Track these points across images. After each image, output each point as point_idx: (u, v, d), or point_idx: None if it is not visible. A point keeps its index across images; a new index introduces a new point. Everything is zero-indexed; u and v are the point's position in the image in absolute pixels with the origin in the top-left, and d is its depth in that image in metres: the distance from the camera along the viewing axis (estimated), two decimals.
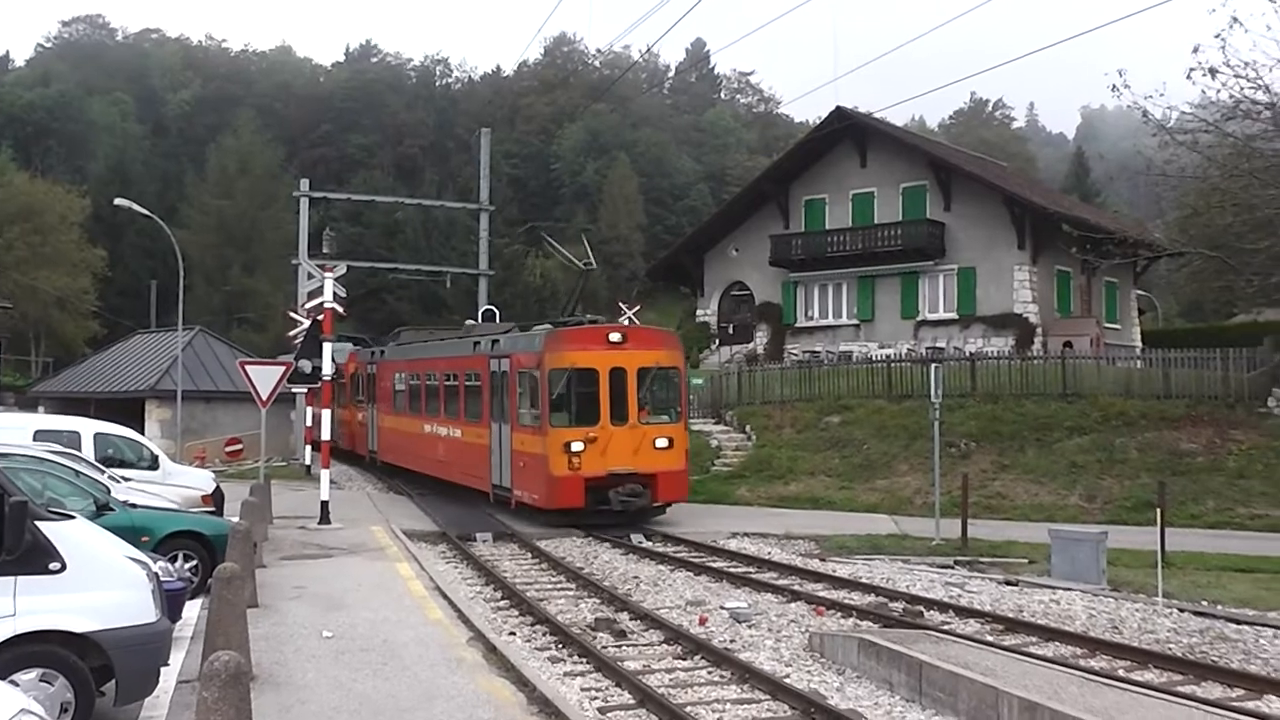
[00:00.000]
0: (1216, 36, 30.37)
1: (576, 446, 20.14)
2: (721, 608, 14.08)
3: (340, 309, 22.17)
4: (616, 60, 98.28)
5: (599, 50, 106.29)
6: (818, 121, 45.20)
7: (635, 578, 16.51)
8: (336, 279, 21.75)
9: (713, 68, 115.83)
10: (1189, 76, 26.09)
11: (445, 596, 13.26)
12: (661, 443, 20.85)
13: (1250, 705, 9.89)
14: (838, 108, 41.37)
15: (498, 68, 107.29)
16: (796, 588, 15.66)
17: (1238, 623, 13.52)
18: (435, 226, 71.71)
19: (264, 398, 20.94)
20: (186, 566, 12.77)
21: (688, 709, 9.43)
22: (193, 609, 11.55)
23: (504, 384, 21.97)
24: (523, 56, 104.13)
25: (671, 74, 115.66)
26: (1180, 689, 10.30)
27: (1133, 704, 8.78)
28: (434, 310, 61.52)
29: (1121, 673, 10.97)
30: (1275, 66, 22.69)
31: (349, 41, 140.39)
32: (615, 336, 20.98)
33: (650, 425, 21.00)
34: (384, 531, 19.54)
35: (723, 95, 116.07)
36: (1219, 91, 25.97)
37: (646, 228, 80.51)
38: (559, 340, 20.79)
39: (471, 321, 33.73)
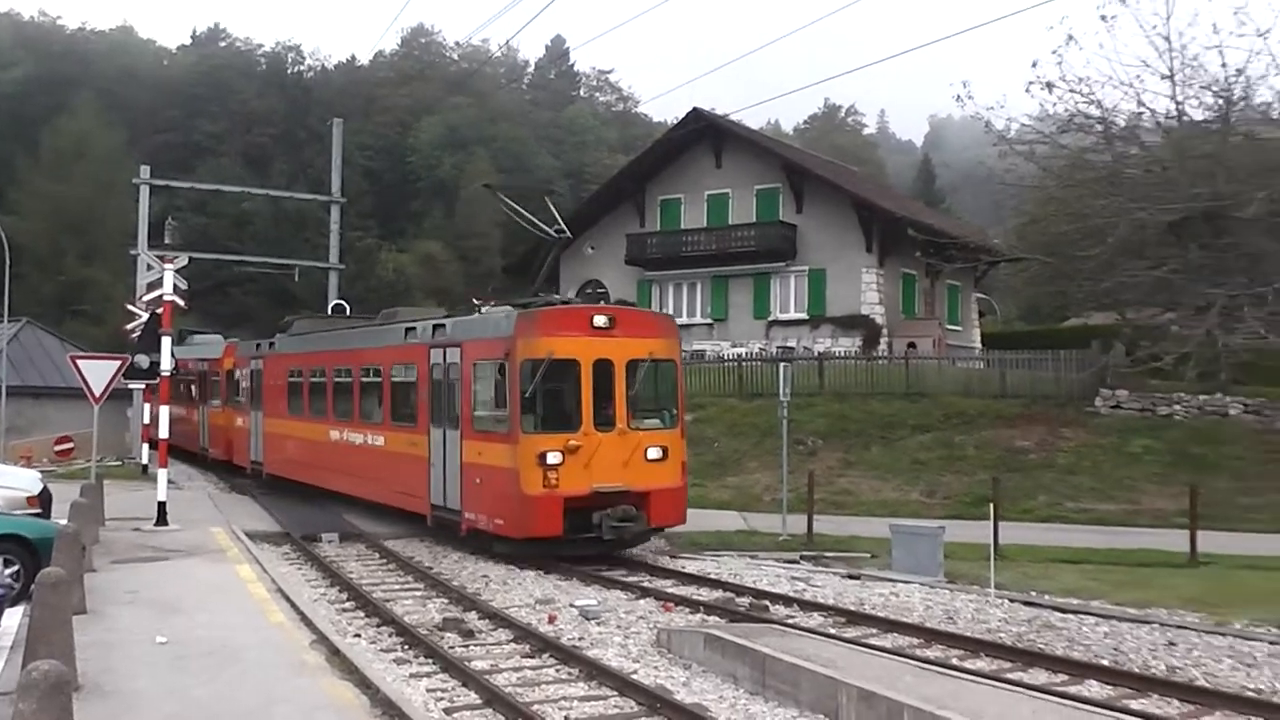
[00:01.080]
0: (1054, 53, 32.03)
1: (553, 458, 16.36)
2: (571, 605, 14.08)
3: (181, 302, 21.35)
4: (475, 54, 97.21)
5: (457, 43, 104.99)
6: (676, 121, 45.69)
7: (484, 577, 16.38)
8: (178, 271, 20.92)
9: (572, 65, 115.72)
10: (1028, 90, 27.48)
11: (288, 599, 12.91)
12: (654, 453, 17.34)
13: (1072, 690, 10.39)
14: (695, 108, 41.96)
15: (353, 57, 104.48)
16: (646, 584, 15.78)
17: (1063, 611, 14.16)
18: (286, 218, 69.82)
19: (97, 394, 20.07)
20: (7, 572, 12.13)
21: (535, 707, 9.40)
22: (14, 617, 10.94)
23: (452, 379, 18.24)
24: (378, 46, 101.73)
25: (531, 70, 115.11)
26: (1008, 675, 10.76)
27: (963, 690, 9.12)
28: (284, 304, 59.75)
29: (954, 661, 11.40)
30: (1107, 83, 24.04)
31: (195, 24, 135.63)
32: (601, 320, 17.13)
33: (642, 431, 17.38)
34: (224, 533, 18.92)
35: (582, 92, 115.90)
36: (1055, 105, 27.42)
37: (504, 223, 79.87)
38: (534, 323, 16.84)
39: (325, 314, 32.82)
